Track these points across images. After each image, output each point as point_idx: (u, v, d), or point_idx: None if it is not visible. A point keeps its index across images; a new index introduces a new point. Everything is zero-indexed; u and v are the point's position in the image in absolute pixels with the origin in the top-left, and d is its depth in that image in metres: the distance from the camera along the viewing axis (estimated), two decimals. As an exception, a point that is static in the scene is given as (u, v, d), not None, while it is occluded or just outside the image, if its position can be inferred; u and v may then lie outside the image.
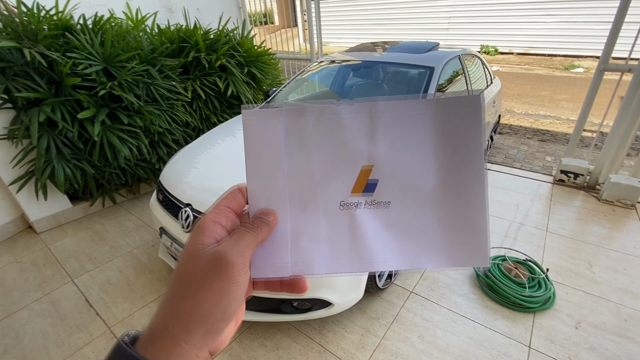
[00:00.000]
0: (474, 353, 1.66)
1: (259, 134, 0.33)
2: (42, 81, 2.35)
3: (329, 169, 0.34)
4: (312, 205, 0.34)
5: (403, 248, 0.34)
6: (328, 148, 0.34)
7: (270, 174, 0.34)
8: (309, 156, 0.34)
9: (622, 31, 2.74)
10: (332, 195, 0.34)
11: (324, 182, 0.34)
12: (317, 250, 0.34)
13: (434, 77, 2.38)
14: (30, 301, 2.10)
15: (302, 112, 0.34)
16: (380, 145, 0.33)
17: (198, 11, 3.92)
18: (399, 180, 0.34)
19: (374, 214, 0.34)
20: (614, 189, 2.90)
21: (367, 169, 0.33)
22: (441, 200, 0.33)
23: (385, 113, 0.33)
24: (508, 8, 10.20)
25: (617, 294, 2.00)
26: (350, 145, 0.33)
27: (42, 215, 2.76)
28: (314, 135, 0.34)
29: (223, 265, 0.30)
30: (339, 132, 0.33)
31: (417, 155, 0.33)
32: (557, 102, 6.53)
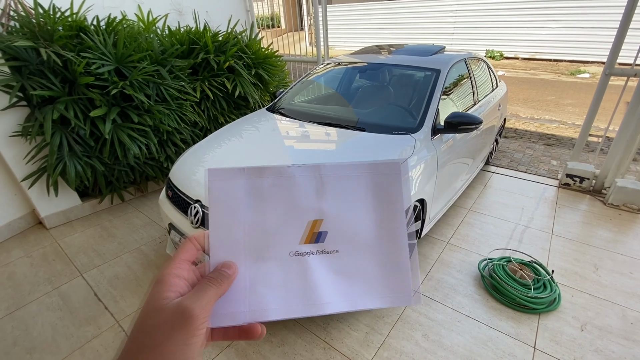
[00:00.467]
0: (479, 352, 1.67)
1: (222, 192, 0.37)
2: (56, 80, 2.40)
3: (281, 222, 0.38)
4: (267, 255, 0.37)
5: (348, 291, 0.38)
6: (282, 204, 0.38)
7: (230, 227, 0.37)
8: (264, 211, 0.38)
9: (628, 37, 2.76)
10: (284, 245, 0.38)
11: (276, 234, 0.38)
12: (272, 296, 0.37)
13: (440, 79, 2.40)
14: (40, 294, 2.14)
15: (261, 173, 0.38)
16: (329, 201, 0.38)
17: (207, 14, 3.99)
18: (345, 232, 0.38)
19: (324, 260, 0.38)
20: (620, 193, 2.90)
21: (317, 222, 0.38)
22: (377, 250, 0.38)
23: (332, 173, 0.38)
24: (513, 13, 10.21)
25: (624, 297, 2.00)
26: (302, 201, 0.38)
27: (52, 211, 2.81)
28: (270, 193, 0.38)
29: (187, 318, 0.31)
30: (292, 189, 0.38)
31: (358, 210, 0.38)
32: (563, 106, 6.51)
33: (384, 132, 2.16)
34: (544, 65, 10.04)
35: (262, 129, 2.47)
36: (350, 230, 0.38)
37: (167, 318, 0.31)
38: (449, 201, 2.64)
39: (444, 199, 2.49)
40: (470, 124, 2.15)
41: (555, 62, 10.15)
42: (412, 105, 2.42)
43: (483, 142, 3.12)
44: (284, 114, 2.65)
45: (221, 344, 1.76)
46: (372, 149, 2.02)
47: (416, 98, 2.44)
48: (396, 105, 2.59)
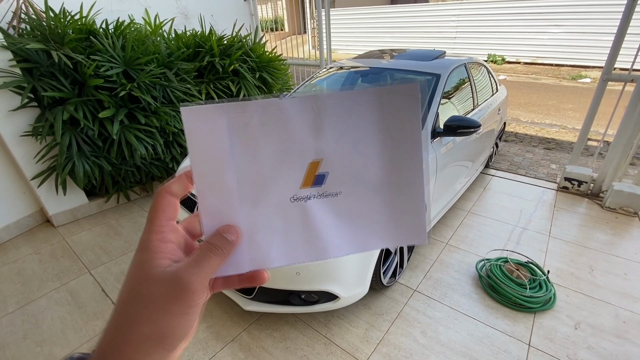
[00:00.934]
0: (475, 349, 1.72)
1: (202, 133, 0.32)
2: (66, 82, 2.48)
3: (277, 164, 0.34)
4: (264, 201, 0.34)
5: (353, 234, 0.35)
6: (275, 144, 0.34)
7: (217, 173, 0.33)
8: (256, 153, 0.34)
9: (626, 42, 2.81)
10: (282, 190, 0.34)
11: (273, 178, 0.34)
12: (273, 243, 0.35)
13: (440, 84, 2.47)
14: (49, 290, 2.20)
15: (245, 109, 0.33)
16: (328, 138, 0.34)
17: (213, 18, 4.07)
18: (347, 171, 0.35)
19: (325, 204, 0.35)
20: (617, 196, 2.94)
21: (316, 163, 0.34)
22: (385, 187, 0.35)
23: (330, 105, 0.33)
24: (515, 18, 10.29)
25: (617, 297, 2.04)
26: (298, 140, 0.34)
27: (60, 209, 2.88)
28: (259, 132, 0.33)
29: (186, 291, 0.29)
30: (285, 127, 0.33)
31: (363, 145, 0.34)
32: (564, 111, 6.56)
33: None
34: (546, 69, 10.10)
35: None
36: (354, 169, 0.35)
37: (162, 289, 0.29)
38: (449, 203, 2.69)
39: (443, 201, 2.55)
40: (469, 128, 2.21)
41: (557, 66, 10.21)
42: (412, 109, 2.48)
43: (483, 145, 3.17)
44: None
45: (224, 338, 1.82)
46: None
47: (416, 102, 2.49)
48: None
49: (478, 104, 3.02)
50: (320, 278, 1.62)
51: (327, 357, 1.70)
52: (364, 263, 1.72)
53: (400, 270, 2.18)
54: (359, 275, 1.73)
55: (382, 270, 1.94)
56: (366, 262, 1.73)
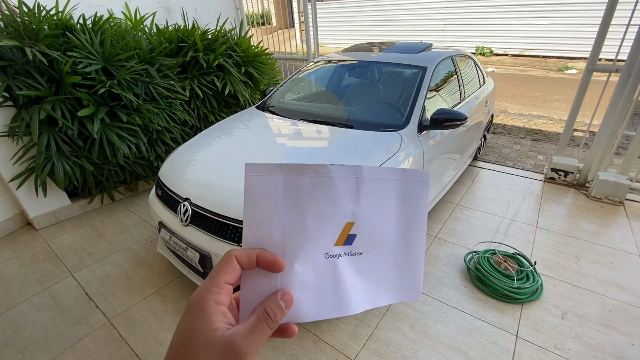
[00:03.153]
0: (463, 342, 1.72)
1: (259, 188, 0.36)
2: (42, 79, 2.39)
3: (319, 223, 0.37)
4: (303, 257, 0.37)
5: (369, 290, 0.40)
6: (321, 204, 0.37)
7: (266, 225, 0.36)
8: (303, 211, 0.37)
9: (610, 33, 2.83)
10: (319, 247, 0.38)
11: (314, 235, 0.37)
12: (305, 299, 0.37)
13: (426, 76, 2.45)
14: (31, 295, 2.14)
15: (300, 171, 0.37)
16: (362, 204, 0.39)
17: (196, 12, 3.98)
18: (370, 234, 0.40)
19: (350, 262, 0.39)
20: (603, 186, 2.98)
21: (350, 224, 0.39)
22: (396, 251, 0.41)
23: (368, 176, 0.39)
24: (503, 10, 10.33)
25: (603, 287, 2.07)
26: (340, 202, 0.38)
27: (41, 212, 2.79)
28: (309, 192, 0.37)
29: (240, 358, 0.30)
30: (331, 190, 0.38)
31: (386, 213, 0.40)
32: (550, 102, 6.63)
33: (372, 129, 2.20)
34: (533, 61, 10.18)
35: (251, 126, 2.48)
36: (375, 233, 0.40)
37: (219, 356, 0.29)
38: (437, 196, 2.69)
39: (432, 194, 2.54)
40: (456, 120, 2.20)
41: (544, 58, 10.30)
42: (399, 102, 2.46)
43: (470, 138, 3.18)
44: (273, 111, 2.67)
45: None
46: (359, 146, 2.06)
47: (403, 95, 2.48)
48: (384, 102, 2.63)
49: (465, 97, 3.01)
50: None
51: (316, 355, 1.69)
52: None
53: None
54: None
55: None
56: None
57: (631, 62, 2.72)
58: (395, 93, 2.63)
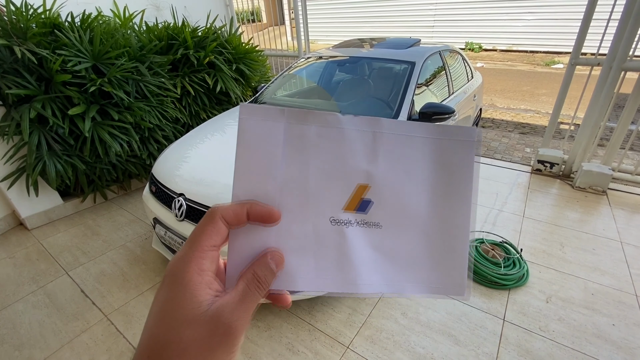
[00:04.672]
0: (453, 327, 1.79)
1: (256, 133, 0.31)
2: (32, 78, 2.38)
3: (325, 180, 0.32)
4: (303, 217, 0.32)
5: (389, 273, 0.33)
6: (327, 159, 0.32)
7: (261, 178, 0.32)
8: (305, 165, 0.32)
9: (593, 28, 2.91)
10: (324, 209, 0.32)
11: (317, 194, 0.32)
12: (303, 265, 0.32)
13: (415, 71, 2.50)
14: (26, 294, 2.15)
15: (306, 118, 0.32)
16: (380, 165, 0.32)
17: (185, 9, 3.96)
18: (392, 204, 0.33)
19: (364, 234, 0.33)
20: (586, 176, 3.08)
21: (364, 187, 0.32)
22: (430, 230, 0.33)
23: (389, 131, 0.32)
24: (491, 6, 10.45)
25: (586, 272, 2.15)
26: (350, 160, 0.32)
27: (33, 211, 2.78)
28: (314, 144, 0.32)
29: (230, 333, 0.27)
30: (341, 144, 0.32)
31: (414, 180, 0.33)
32: (538, 96, 6.76)
33: (362, 124, 2.24)
34: (521, 56, 10.34)
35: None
36: (400, 203, 0.33)
37: (205, 333, 0.26)
38: (427, 189, 2.75)
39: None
40: (444, 114, 2.25)
41: (532, 53, 10.47)
42: (388, 97, 2.51)
43: (459, 131, 3.24)
44: (265, 108, 2.69)
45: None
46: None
47: (392, 90, 2.53)
48: (374, 97, 2.67)
49: (453, 91, 3.08)
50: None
51: (311, 343, 1.74)
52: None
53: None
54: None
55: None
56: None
57: (612, 56, 2.81)
58: (384, 88, 2.68)
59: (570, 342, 1.70)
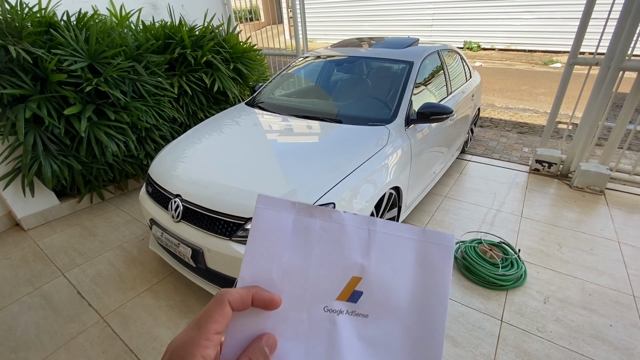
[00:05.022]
0: (451, 327, 1.79)
1: (268, 222, 0.34)
2: (27, 78, 2.35)
3: (324, 271, 0.35)
4: (299, 305, 0.34)
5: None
6: (328, 251, 0.35)
7: (267, 263, 0.34)
8: (308, 255, 0.35)
9: (591, 27, 2.91)
10: (320, 297, 0.35)
11: (316, 283, 0.35)
12: (293, 351, 0.34)
13: (413, 71, 2.49)
14: (21, 295, 2.13)
15: (313, 212, 0.36)
16: (372, 259, 0.36)
17: (183, 8, 3.94)
18: (379, 296, 0.35)
19: (352, 323, 0.35)
20: (584, 176, 3.08)
21: (357, 279, 0.35)
22: (410, 323, 0.35)
23: (381, 230, 0.36)
24: (490, 5, 10.45)
25: (584, 272, 2.16)
26: (347, 253, 0.35)
27: (29, 212, 2.76)
28: (317, 236, 0.35)
29: None
30: (341, 238, 0.36)
31: (399, 276, 0.36)
32: (536, 96, 6.76)
33: (361, 124, 2.23)
34: (519, 55, 10.34)
35: (241, 123, 2.49)
36: (385, 296, 0.36)
37: None
38: (425, 188, 2.75)
39: (420, 187, 2.60)
40: (442, 114, 2.25)
41: (530, 52, 10.47)
42: (387, 97, 2.50)
43: (457, 131, 3.24)
44: (262, 107, 2.68)
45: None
46: (348, 141, 2.09)
47: (390, 90, 2.52)
48: (372, 97, 2.66)
49: (452, 91, 3.07)
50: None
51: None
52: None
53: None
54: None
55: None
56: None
57: (610, 55, 2.81)
58: (383, 88, 2.67)
59: (568, 343, 1.70)
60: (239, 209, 1.63)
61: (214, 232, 1.67)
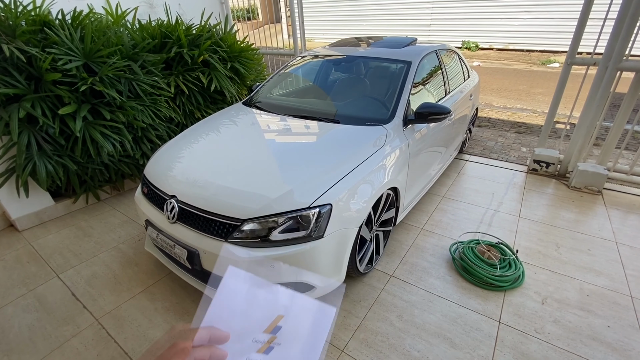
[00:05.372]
0: (448, 329, 1.78)
1: (230, 287, 0.46)
2: (21, 77, 2.33)
3: (260, 314, 0.46)
4: (239, 339, 0.44)
5: None
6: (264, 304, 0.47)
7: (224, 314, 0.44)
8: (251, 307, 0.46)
9: (589, 27, 2.90)
10: (253, 332, 0.45)
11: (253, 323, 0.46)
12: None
13: (411, 71, 2.47)
14: (15, 297, 2.11)
15: (260, 285, 0.48)
16: (290, 313, 0.47)
17: (179, 6, 3.91)
18: (289, 330, 0.46)
19: (269, 349, 0.45)
20: (582, 176, 3.08)
21: (280, 317, 0.46)
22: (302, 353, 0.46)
23: (297, 302, 0.48)
24: (488, 5, 10.45)
25: (581, 272, 2.15)
26: (276, 304, 0.47)
27: (24, 213, 2.73)
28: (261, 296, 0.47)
29: None
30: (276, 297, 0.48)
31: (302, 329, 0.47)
32: (534, 95, 6.77)
33: (359, 124, 2.22)
34: (517, 55, 10.35)
35: (238, 122, 2.47)
36: (294, 331, 0.46)
37: None
38: (423, 189, 2.74)
39: (418, 187, 2.59)
40: (440, 114, 2.23)
41: (528, 52, 10.48)
42: (384, 97, 2.49)
43: (455, 131, 3.23)
44: (260, 107, 2.66)
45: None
46: (346, 141, 2.08)
47: (388, 89, 2.50)
48: (370, 97, 2.65)
49: (450, 91, 3.06)
50: (295, 269, 1.62)
51: (305, 347, 1.71)
52: (339, 251, 1.73)
53: (377, 257, 2.21)
54: (335, 264, 1.74)
55: (358, 258, 1.96)
56: (341, 250, 1.74)
57: (608, 55, 2.81)
58: (380, 87, 2.66)
59: (566, 344, 1.69)
60: (236, 210, 1.61)
61: (209, 234, 1.65)
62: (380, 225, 2.18)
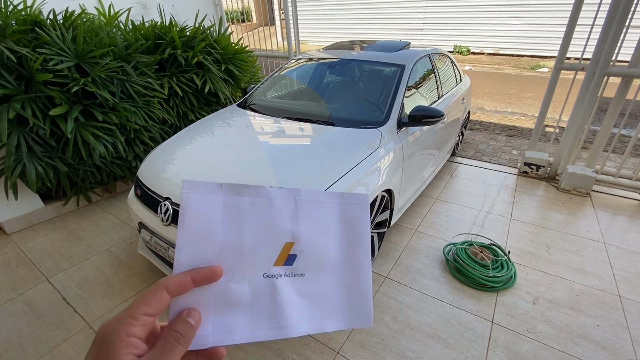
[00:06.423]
0: (442, 330, 1.79)
1: (197, 206, 0.36)
2: (10, 77, 2.29)
3: (257, 242, 0.38)
4: (239, 275, 0.37)
5: (312, 314, 0.39)
6: (259, 224, 0.38)
7: (202, 244, 0.36)
8: (241, 230, 0.37)
9: (577, 33, 2.98)
10: (258, 266, 0.38)
11: (251, 254, 0.38)
12: (239, 318, 0.36)
13: (405, 75, 2.50)
14: (3, 302, 2.06)
15: (240, 191, 0.38)
16: (301, 225, 0.40)
17: (173, 8, 3.89)
18: (312, 255, 0.40)
19: (291, 283, 0.39)
20: (571, 178, 3.14)
21: (290, 244, 0.39)
22: (340, 274, 0.41)
23: (306, 198, 0.40)
24: (479, 10, 10.63)
25: (571, 273, 2.19)
26: (278, 223, 0.39)
27: (13, 215, 2.68)
28: (248, 213, 0.38)
29: None
30: (270, 211, 0.39)
31: (326, 235, 0.41)
32: (524, 99, 6.89)
33: (353, 126, 2.24)
34: (508, 60, 10.53)
35: (232, 124, 2.47)
36: (318, 255, 0.40)
37: None
38: (417, 191, 2.77)
39: (412, 189, 2.61)
40: (433, 117, 2.26)
41: (518, 57, 10.68)
42: (378, 100, 2.51)
43: (448, 134, 3.27)
44: (254, 109, 2.66)
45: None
46: (341, 144, 2.09)
47: (382, 92, 2.53)
48: (364, 99, 2.67)
49: (443, 94, 3.10)
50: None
51: (301, 349, 1.71)
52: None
53: (371, 259, 2.23)
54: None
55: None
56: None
57: (595, 61, 2.88)
58: (375, 90, 2.68)
59: (557, 344, 1.72)
60: (230, 212, 1.60)
61: (204, 236, 1.64)
62: (375, 227, 2.19)
